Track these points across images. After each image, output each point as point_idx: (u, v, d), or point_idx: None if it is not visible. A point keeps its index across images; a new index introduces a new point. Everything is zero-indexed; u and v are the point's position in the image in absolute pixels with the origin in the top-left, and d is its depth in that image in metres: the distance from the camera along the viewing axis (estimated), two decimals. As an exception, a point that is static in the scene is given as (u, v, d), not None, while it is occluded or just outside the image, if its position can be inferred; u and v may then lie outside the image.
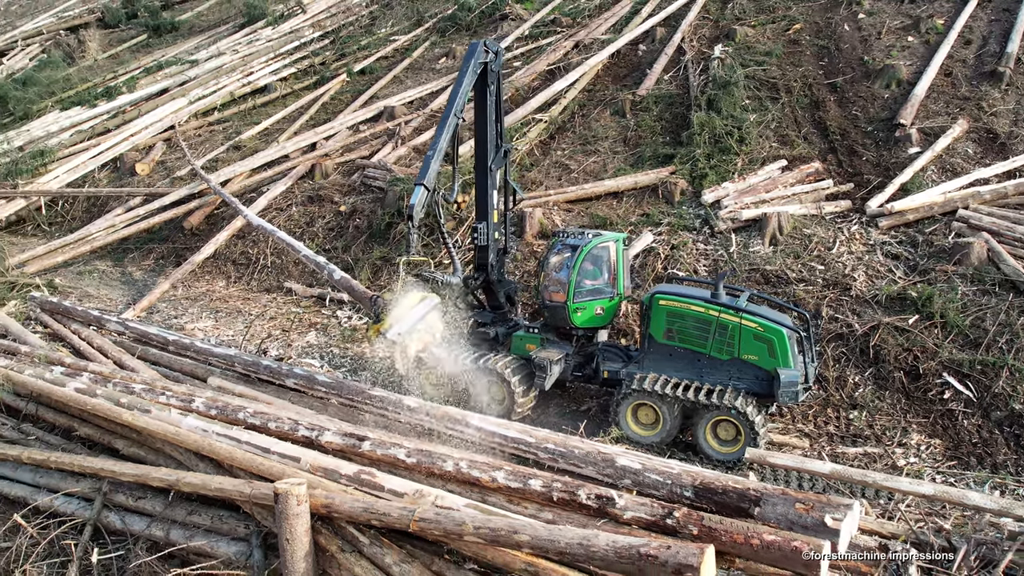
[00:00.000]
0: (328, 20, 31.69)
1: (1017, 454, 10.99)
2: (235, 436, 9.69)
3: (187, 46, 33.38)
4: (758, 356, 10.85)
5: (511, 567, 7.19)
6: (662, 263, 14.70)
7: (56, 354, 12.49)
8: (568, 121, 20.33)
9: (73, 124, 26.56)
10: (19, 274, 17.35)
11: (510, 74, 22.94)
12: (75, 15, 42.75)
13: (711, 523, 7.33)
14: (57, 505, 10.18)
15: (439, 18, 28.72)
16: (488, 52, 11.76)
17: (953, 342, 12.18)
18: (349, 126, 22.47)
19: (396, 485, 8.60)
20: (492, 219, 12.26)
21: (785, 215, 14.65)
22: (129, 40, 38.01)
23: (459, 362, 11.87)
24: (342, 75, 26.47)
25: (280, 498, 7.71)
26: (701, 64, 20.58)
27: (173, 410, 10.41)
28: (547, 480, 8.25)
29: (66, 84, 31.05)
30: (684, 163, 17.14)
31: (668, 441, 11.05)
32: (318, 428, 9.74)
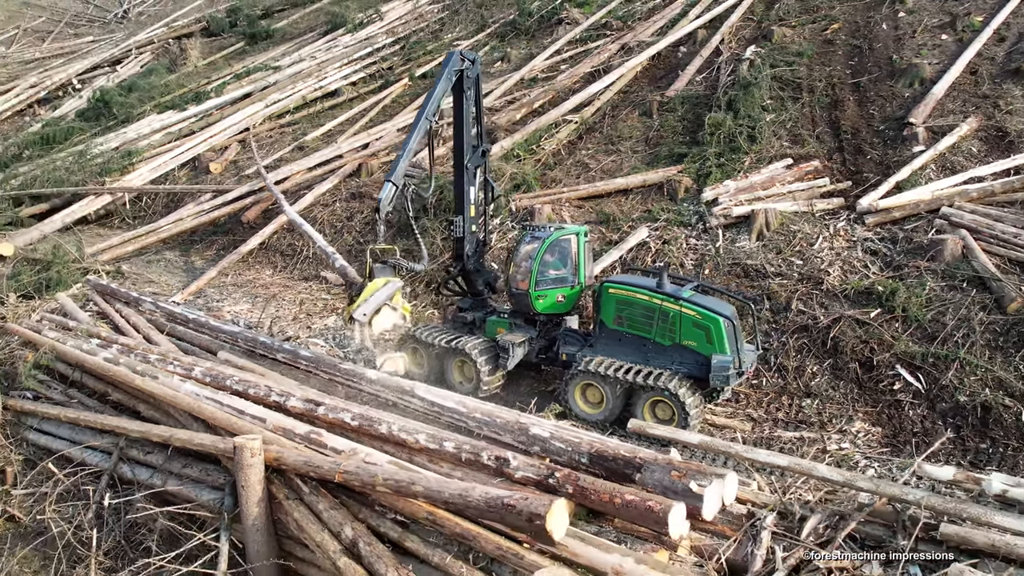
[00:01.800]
0: (401, 27, 33.43)
1: (954, 444, 11.29)
2: (220, 400, 11.17)
3: (274, 53, 35.74)
4: (696, 342, 11.57)
5: (417, 515, 8.35)
6: (652, 256, 15.45)
7: (96, 329, 14.33)
8: (598, 122, 21.18)
9: (164, 126, 29.13)
10: (93, 261, 19.58)
11: (553, 77, 23.97)
12: (184, 24, 46.17)
13: (584, 483, 8.31)
14: (84, 457, 11.99)
15: (500, 23, 29.97)
16: (464, 61, 12.95)
17: (912, 335, 12.49)
18: (400, 127, 23.94)
19: (337, 443, 9.88)
20: (468, 213, 13.38)
21: (773, 212, 15.15)
22: (228, 48, 40.81)
23: (436, 343, 13.11)
24: (404, 79, 28.07)
25: (237, 451, 9.10)
26: (732, 65, 21.05)
27: (176, 377, 12.00)
28: (458, 443, 9.36)
29: (164, 90, 33.83)
30: (694, 162, 17.77)
31: (612, 419, 11.90)
32: (286, 395, 11.08)
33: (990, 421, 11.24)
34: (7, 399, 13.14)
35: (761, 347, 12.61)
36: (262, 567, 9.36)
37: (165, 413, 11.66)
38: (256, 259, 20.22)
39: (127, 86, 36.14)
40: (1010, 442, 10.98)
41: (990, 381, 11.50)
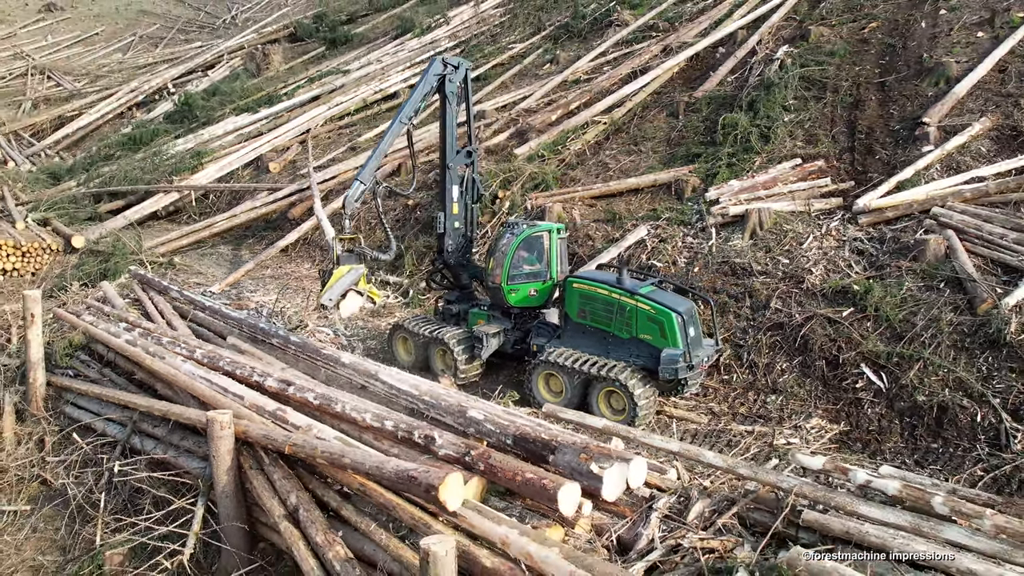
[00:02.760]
0: (463, 31, 34.36)
1: (906, 443, 11.29)
2: (210, 379, 12.25)
3: (347, 57, 37.26)
4: (651, 336, 11.94)
5: (351, 486, 9.19)
6: (647, 254, 15.77)
7: (126, 314, 15.70)
8: (627, 123, 21.50)
9: (236, 128, 30.92)
10: (149, 254, 21.20)
11: (592, 79, 24.38)
12: (272, 31, 48.43)
13: (493, 462, 8.98)
14: (105, 428, 13.32)
15: (555, 26, 30.50)
16: (446, 67, 13.68)
17: (881, 335, 12.48)
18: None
19: (298, 420, 10.80)
20: (451, 210, 14.11)
21: (767, 211, 15.26)
22: (309, 53, 42.66)
23: (420, 333, 13.89)
24: (458, 82, 28.94)
25: (209, 423, 10.12)
26: (764, 65, 21.02)
27: (179, 358, 13.16)
28: (396, 422, 10.13)
29: (243, 93, 35.81)
30: (707, 162, 17.96)
31: (572, 407, 12.34)
32: (265, 375, 12.06)
33: (945, 421, 11.20)
34: (51, 376, 14.56)
35: (720, 343, 12.86)
36: (230, 528, 10.30)
37: (175, 391, 12.82)
38: (298, 253, 21.46)
39: (211, 90, 38.38)
40: (961, 443, 10.93)
41: (950, 382, 11.44)
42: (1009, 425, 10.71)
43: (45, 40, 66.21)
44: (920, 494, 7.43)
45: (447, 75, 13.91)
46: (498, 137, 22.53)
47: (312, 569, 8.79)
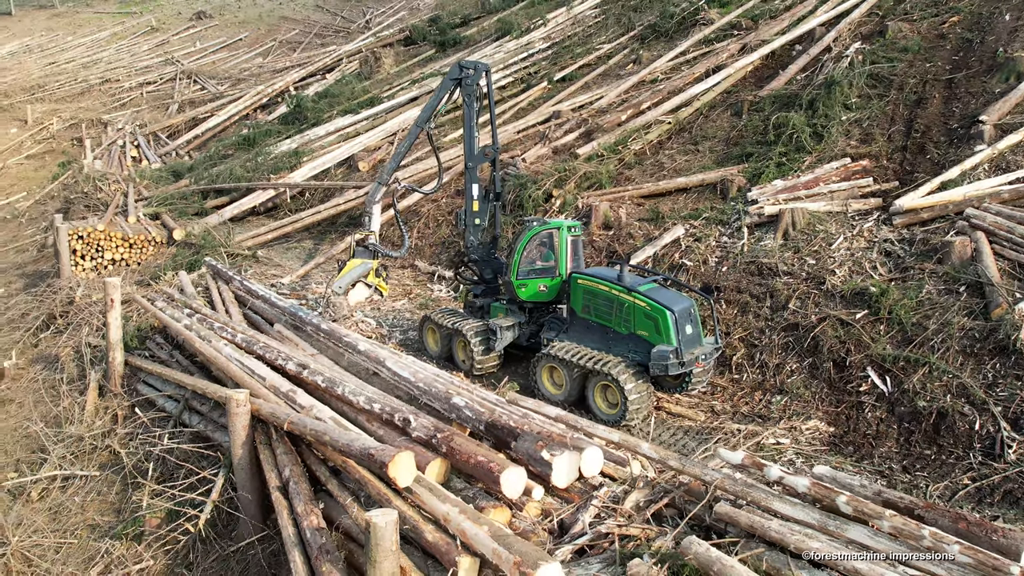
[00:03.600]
0: (558, 32, 34.74)
1: (900, 448, 11.00)
2: (243, 361, 13.35)
3: (449, 59, 38.30)
4: (648, 332, 12.08)
5: (336, 461, 10.02)
6: (680, 253, 15.79)
7: (192, 301, 17.07)
8: (692, 122, 21.41)
9: (337, 129, 32.47)
10: (236, 246, 22.77)
11: (668, 79, 24.34)
12: (388, 34, 50.21)
13: (454, 444, 9.62)
14: (163, 404, 14.67)
15: (643, 26, 30.46)
16: (463, 71, 14.22)
17: (892, 338, 12.14)
18: (519, 129, 25.35)
19: (304, 400, 11.72)
20: (471, 208, 14.63)
21: (800, 211, 15.00)
22: (419, 56, 44.02)
23: (443, 325, 14.52)
24: (544, 83, 29.39)
25: (228, 401, 11.17)
26: (833, 63, 20.48)
27: (223, 341, 14.33)
28: (383, 405, 10.87)
29: (351, 96, 37.46)
30: (758, 161, 17.74)
31: (571, 400, 12.66)
32: (288, 359, 13.04)
33: (942, 428, 10.87)
34: (128, 356, 16.05)
35: (719, 340, 12.82)
36: (245, 497, 11.28)
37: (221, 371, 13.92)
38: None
39: (323, 93, 40.31)
40: (955, 451, 10.59)
41: (954, 387, 11.07)
42: (1006, 434, 10.30)
43: (194, 46, 70.77)
44: (827, 492, 7.44)
45: (464, 78, 14.45)
46: (567, 137, 22.88)
47: (290, 536, 9.59)
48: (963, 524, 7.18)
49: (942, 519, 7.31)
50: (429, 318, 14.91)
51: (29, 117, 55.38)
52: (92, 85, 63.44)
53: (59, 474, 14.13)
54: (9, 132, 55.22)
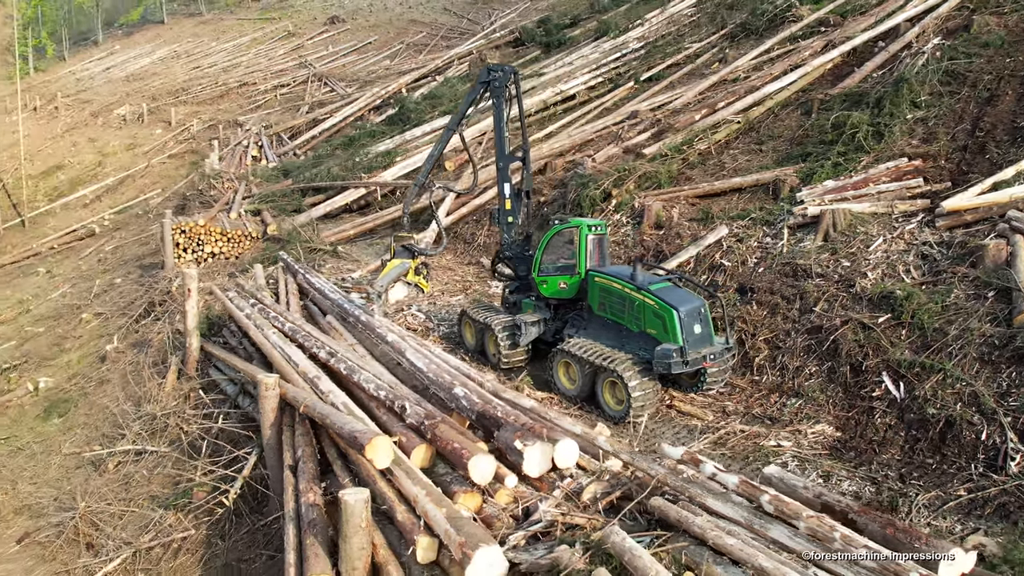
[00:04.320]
0: (653, 32, 34.53)
1: (904, 456, 10.65)
2: (283, 347, 14.29)
3: (551, 60, 38.73)
4: (656, 330, 12.15)
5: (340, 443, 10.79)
6: (721, 254, 15.64)
7: (257, 292, 18.20)
8: (761, 121, 21.01)
9: (433, 130, 33.44)
10: (320, 241, 23.98)
11: (748, 77, 23.93)
12: (499, 36, 51.02)
13: (438, 432, 10.22)
14: (224, 387, 15.84)
15: (734, 25, 29.92)
16: (491, 73, 14.63)
17: (912, 343, 11.72)
18: (597, 129, 25.50)
19: (325, 386, 12.52)
20: (503, 206, 15.00)
21: (842, 212, 14.59)
22: (526, 56, 44.58)
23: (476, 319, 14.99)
24: (631, 83, 29.37)
25: (259, 384, 12.12)
26: (910, 60, 19.65)
27: (273, 329, 15.33)
28: (387, 392, 11.55)
29: (453, 97, 38.41)
30: (815, 161, 17.30)
31: (583, 396, 12.86)
32: (321, 347, 13.87)
33: (948, 437, 10.47)
34: (204, 342, 17.33)
35: (730, 340, 12.68)
36: (272, 475, 12.18)
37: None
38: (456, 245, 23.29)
39: (429, 95, 41.49)
40: (958, 461, 10.19)
41: (965, 396, 10.63)
42: (1012, 446, 9.85)
43: (326, 50, 73.88)
44: (752, 491, 7.50)
45: (492, 81, 14.87)
46: (640, 137, 22.89)
47: (290, 511, 10.35)
48: (891, 530, 7.12)
49: (872, 524, 7.27)
50: (465, 312, 15.41)
51: (173, 119, 59.41)
52: (231, 88, 67.29)
53: (132, 448, 15.41)
54: (154, 133, 59.42)
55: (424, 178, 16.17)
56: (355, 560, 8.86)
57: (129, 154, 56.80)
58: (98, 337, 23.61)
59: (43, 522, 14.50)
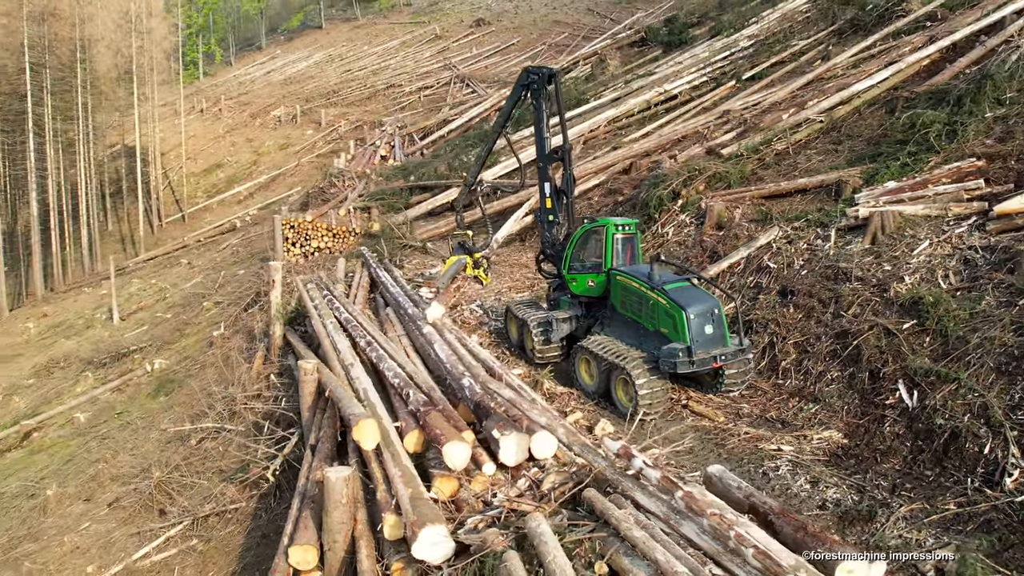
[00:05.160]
0: (764, 30, 33.55)
1: (902, 467, 10.19)
2: (334, 336, 15.24)
3: (665, 59, 38.38)
4: (668, 329, 12.13)
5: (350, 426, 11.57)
6: (769, 255, 15.28)
7: (331, 285, 19.27)
8: (844, 121, 20.21)
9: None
10: (411, 238, 24.96)
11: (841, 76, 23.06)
12: (624, 36, 50.88)
13: (428, 419, 10.86)
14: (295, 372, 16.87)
15: (843, 21, 28.69)
16: (530, 76, 14.90)
17: (935, 351, 11.15)
18: (690, 129, 25.21)
19: (355, 373, 13.31)
20: (544, 205, 15.23)
21: (891, 215, 13.96)
22: (647, 56, 44.33)
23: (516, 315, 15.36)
24: (732, 82, 28.76)
25: (298, 370, 13.16)
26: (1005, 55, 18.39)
27: (332, 319, 16.32)
28: (400, 381, 12.20)
29: (566, 98, 38.73)
30: (884, 161, 16.56)
31: (600, 392, 12.96)
32: (363, 336, 14.70)
33: (951, 449, 9.96)
34: (287, 330, 18.58)
35: (743, 342, 12.42)
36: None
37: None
38: (528, 244, 23.66)
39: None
40: (957, 474, 9.69)
41: (976, 407, 10.08)
42: (1013, 461, 9.30)
43: (470, 52, 75.74)
44: (671, 486, 7.56)
45: (532, 83, 15.14)
46: (724, 136, 22.54)
47: (300, 486, 11.21)
48: (801, 534, 7.06)
49: (787, 527, 7.22)
50: (509, 308, 15.80)
51: (323, 120, 62.62)
52: (378, 90, 70.12)
53: (212, 426, 16.73)
54: (306, 133, 62.85)
55: (473, 178, 16.78)
56: (335, 533, 9.52)
57: (282, 153, 60.39)
58: (213, 324, 25.49)
59: (129, 488, 15.97)
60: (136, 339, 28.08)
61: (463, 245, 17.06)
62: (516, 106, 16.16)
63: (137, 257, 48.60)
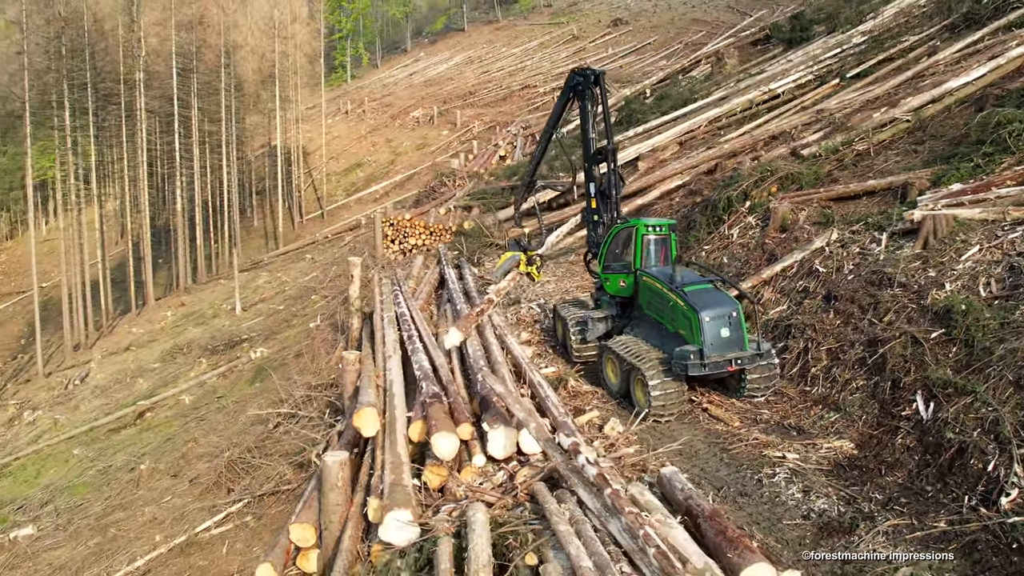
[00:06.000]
0: (880, 25, 31.89)
1: (904, 481, 9.68)
2: (386, 327, 15.93)
3: (781, 56, 37.20)
4: (685, 331, 11.98)
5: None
6: (822, 259, 14.69)
7: (403, 280, 19.97)
8: (933, 119, 19.06)
9: (646, 130, 33.61)
10: (498, 236, 25.44)
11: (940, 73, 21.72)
12: (748, 34, 49.58)
13: (431, 411, 11.41)
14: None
15: (957, 15, 26.90)
16: (576, 77, 14.94)
17: (959, 362, 10.48)
18: (781, 128, 24.43)
19: (391, 365, 13.93)
20: (589, 205, 15.24)
21: (944, 218, 13.14)
22: (768, 54, 43.06)
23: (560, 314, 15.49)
24: (836, 80, 27.57)
25: (341, 360, 14.00)
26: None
27: (392, 312, 17.03)
28: (422, 372, 12.69)
29: (678, 97, 38.21)
30: (959, 162, 15.57)
31: (623, 392, 12.89)
32: (408, 330, 15.31)
33: (956, 465, 9.39)
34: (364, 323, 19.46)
35: (761, 346, 12.01)
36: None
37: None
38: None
39: (660, 95, 41.55)
40: (956, 492, 9.15)
41: (987, 422, 9.46)
42: (1014, 479, 8.70)
43: (606, 52, 75.60)
44: (604, 483, 7.61)
45: (578, 84, 15.16)
46: (812, 136, 21.75)
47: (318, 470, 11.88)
48: (720, 537, 7.03)
49: (710, 531, 7.20)
50: (555, 308, 15.97)
51: (458, 120, 64.25)
52: (513, 91, 71.09)
53: (287, 412, 17.77)
54: (442, 134, 64.65)
55: (529, 178, 16.98)
56: (331, 514, 10.09)
57: (418, 153, 62.34)
58: (316, 316, 26.89)
59: (208, 467, 17.18)
60: (249, 329, 29.91)
61: (518, 242, 17.38)
62: (565, 108, 16.28)
63: (273, 252, 51.48)
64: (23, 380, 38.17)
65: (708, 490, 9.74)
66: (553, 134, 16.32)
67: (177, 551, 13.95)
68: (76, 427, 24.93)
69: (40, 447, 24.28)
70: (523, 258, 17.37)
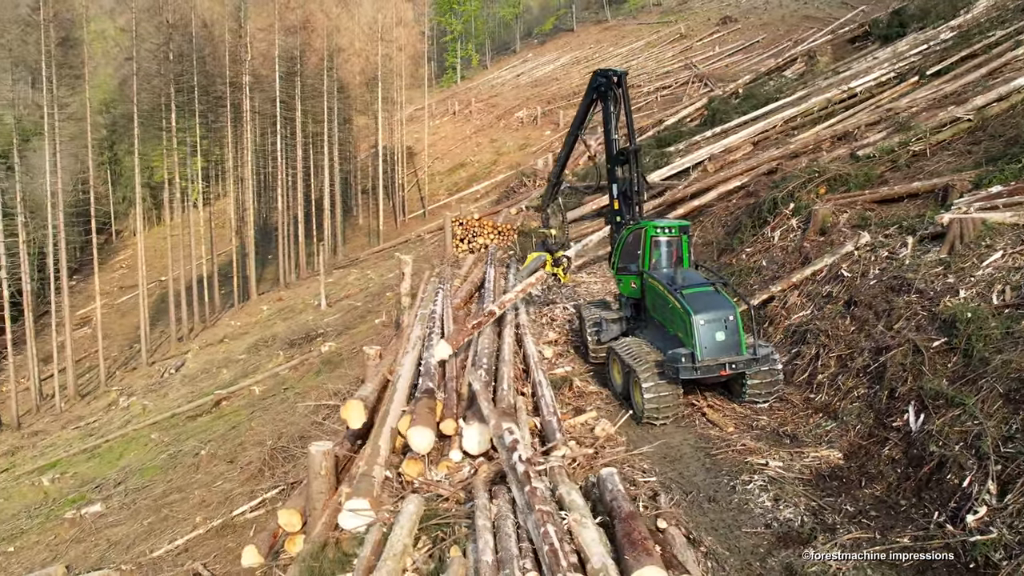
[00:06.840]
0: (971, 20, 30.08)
1: (880, 494, 9.19)
2: (415, 323, 16.25)
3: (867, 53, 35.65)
4: (683, 333, 11.74)
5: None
6: (849, 263, 14.06)
7: (449, 278, 20.25)
8: (996, 118, 17.91)
9: (724, 131, 32.87)
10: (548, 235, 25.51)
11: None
12: (847, 31, 47.70)
13: (418, 406, 11.68)
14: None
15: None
16: (598, 79, 14.81)
17: (955, 372, 9.87)
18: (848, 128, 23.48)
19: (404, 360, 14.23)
20: (612, 206, 15.06)
21: (971, 222, 12.38)
22: (864, 50, 41.34)
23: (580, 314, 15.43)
24: (914, 78, 26.22)
25: (366, 355, 14.49)
26: None
27: (430, 307, 17.36)
28: (426, 368, 12.94)
29: (764, 96, 37.13)
30: (1006, 164, 14.62)
31: (625, 393, 12.70)
32: (431, 326, 15.57)
33: (933, 479, 8.88)
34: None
35: (757, 351, 11.56)
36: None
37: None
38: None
39: (745, 94, 40.52)
40: (929, 507, 8.64)
41: (971, 436, 8.89)
42: (985, 497, 8.17)
43: (713, 50, 74.03)
44: (526, 480, 7.64)
45: (600, 86, 15.01)
46: (875, 136, 20.84)
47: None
48: (625, 540, 6.99)
49: (619, 532, 7.16)
50: (578, 308, 15.92)
51: (561, 121, 64.39)
52: (616, 91, 70.40)
53: (334, 404, 18.38)
54: (544, 134, 64.98)
55: (555, 178, 17.00)
56: (315, 501, 10.45)
57: (520, 153, 62.82)
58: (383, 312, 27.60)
59: (258, 454, 17.96)
60: (328, 324, 30.93)
61: (544, 243, 17.44)
62: (590, 109, 16.22)
63: (370, 249, 52.91)
64: (131, 368, 40.67)
65: (677, 494, 9.58)
66: (578, 135, 16.29)
67: (214, 532, 14.60)
68: (161, 413, 26.41)
69: (127, 431, 25.85)
70: (549, 259, 17.40)
